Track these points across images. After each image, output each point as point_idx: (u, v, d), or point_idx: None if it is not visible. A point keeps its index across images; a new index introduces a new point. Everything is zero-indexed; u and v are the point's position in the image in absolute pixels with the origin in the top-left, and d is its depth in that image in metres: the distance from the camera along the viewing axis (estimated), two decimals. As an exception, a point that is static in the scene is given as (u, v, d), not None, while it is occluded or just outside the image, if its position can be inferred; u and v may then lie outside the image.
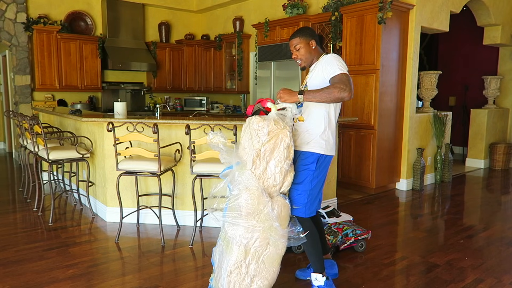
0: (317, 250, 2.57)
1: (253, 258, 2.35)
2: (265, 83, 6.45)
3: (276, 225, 2.34)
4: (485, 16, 6.54)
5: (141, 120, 3.60)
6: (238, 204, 2.31)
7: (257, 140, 2.31)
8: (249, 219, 2.31)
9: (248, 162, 2.33)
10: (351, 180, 5.38)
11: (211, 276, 2.58)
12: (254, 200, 2.30)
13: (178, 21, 8.83)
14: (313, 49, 2.60)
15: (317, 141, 2.50)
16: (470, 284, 2.79)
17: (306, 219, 2.53)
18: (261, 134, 2.31)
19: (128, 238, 3.62)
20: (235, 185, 2.35)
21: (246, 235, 2.32)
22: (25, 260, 3.11)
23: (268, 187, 2.37)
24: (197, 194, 3.52)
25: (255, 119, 2.37)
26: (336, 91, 2.29)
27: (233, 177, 2.37)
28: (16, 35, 6.82)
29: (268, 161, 2.33)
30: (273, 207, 2.34)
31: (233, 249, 2.34)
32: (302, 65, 2.65)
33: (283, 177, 2.39)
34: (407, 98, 5.35)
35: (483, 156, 6.96)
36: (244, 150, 2.40)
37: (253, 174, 2.32)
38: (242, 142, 2.45)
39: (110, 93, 8.05)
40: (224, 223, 2.45)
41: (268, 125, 2.31)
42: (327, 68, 2.45)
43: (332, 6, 5.53)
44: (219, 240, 2.52)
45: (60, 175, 5.08)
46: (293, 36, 2.63)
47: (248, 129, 2.39)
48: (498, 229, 3.95)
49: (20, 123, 4.73)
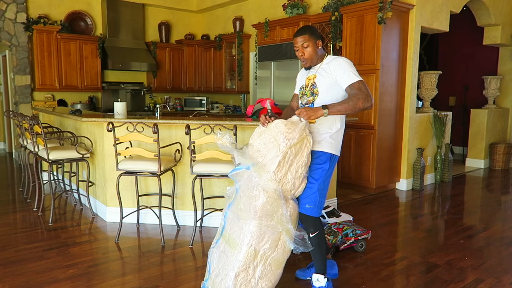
0: (323, 251, 2.59)
1: (261, 260, 2.35)
2: (265, 83, 6.45)
3: (290, 227, 2.35)
4: (485, 16, 6.54)
5: (141, 120, 3.60)
6: (255, 205, 2.30)
7: (284, 143, 2.30)
8: (263, 221, 2.31)
9: (273, 164, 2.31)
10: (351, 180, 5.38)
11: (205, 278, 2.53)
12: (272, 202, 2.30)
13: (178, 21, 8.83)
14: (319, 49, 2.57)
15: (327, 140, 2.50)
16: (470, 284, 2.79)
17: (317, 219, 2.55)
18: (291, 136, 2.30)
19: (128, 238, 3.62)
20: (252, 186, 2.33)
21: (258, 236, 2.32)
22: (25, 260, 3.11)
23: (286, 190, 2.37)
24: (197, 194, 3.52)
25: (282, 121, 2.36)
26: (360, 102, 2.31)
27: (250, 178, 2.35)
28: (16, 35, 6.83)
29: (290, 165, 2.34)
30: (288, 209, 2.35)
31: (242, 250, 2.32)
32: (308, 64, 2.59)
33: (300, 182, 2.41)
34: (407, 98, 5.35)
35: (483, 156, 6.96)
36: (259, 152, 2.39)
37: (275, 177, 2.32)
38: (254, 144, 2.43)
39: (110, 93, 8.05)
40: (226, 224, 2.45)
41: (299, 129, 2.31)
42: (340, 73, 2.42)
43: (332, 6, 5.53)
44: (217, 240, 2.50)
45: (60, 175, 5.08)
46: (302, 33, 2.54)
47: (270, 132, 2.37)
48: (498, 229, 3.95)
49: (20, 123, 4.73)
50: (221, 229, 2.52)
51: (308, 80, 2.61)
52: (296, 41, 2.56)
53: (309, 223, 2.54)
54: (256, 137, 2.45)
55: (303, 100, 2.64)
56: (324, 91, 2.50)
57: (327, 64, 2.52)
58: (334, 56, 2.55)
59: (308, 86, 2.60)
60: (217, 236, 2.54)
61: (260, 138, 2.42)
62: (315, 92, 2.53)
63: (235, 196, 2.46)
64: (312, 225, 2.53)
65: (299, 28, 2.62)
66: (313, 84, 2.56)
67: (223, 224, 2.51)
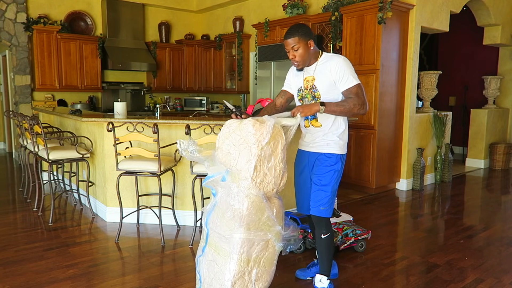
0: (331, 253, 2.60)
1: (255, 264, 2.31)
2: (265, 83, 6.45)
3: (278, 229, 2.30)
4: (485, 16, 6.54)
5: (141, 120, 3.60)
6: (240, 216, 2.20)
7: (255, 145, 2.18)
8: (251, 228, 2.24)
9: (249, 170, 2.19)
10: (351, 180, 5.38)
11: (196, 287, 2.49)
12: (256, 209, 2.23)
13: (178, 21, 8.83)
14: (311, 49, 2.46)
15: (337, 142, 2.50)
16: (470, 284, 2.79)
17: (328, 220, 2.56)
18: (261, 137, 2.18)
19: (128, 238, 3.62)
20: (233, 197, 2.22)
21: (247, 243, 2.26)
22: (25, 260, 3.11)
23: (268, 192, 2.28)
24: (197, 194, 3.52)
25: (249, 121, 2.22)
26: (356, 109, 2.36)
27: (229, 187, 2.25)
28: (16, 35, 6.82)
29: (268, 166, 2.24)
30: (273, 210, 2.30)
31: (233, 258, 2.24)
32: (300, 66, 2.51)
33: (281, 179, 2.34)
34: (407, 98, 5.35)
35: (483, 156, 6.96)
36: (230, 154, 2.25)
37: (254, 183, 2.21)
38: (223, 147, 2.29)
39: (110, 93, 8.04)
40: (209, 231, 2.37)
41: (269, 127, 2.20)
42: (339, 75, 2.39)
43: (332, 6, 5.53)
44: (204, 248, 2.41)
45: (60, 175, 5.08)
46: (290, 35, 2.44)
47: (239, 132, 2.24)
48: (498, 229, 3.95)
49: (20, 123, 4.73)
50: (205, 236, 2.43)
51: (307, 82, 2.53)
52: (286, 43, 2.47)
53: (322, 224, 2.55)
54: (224, 138, 2.30)
55: (304, 103, 2.58)
56: (325, 93, 2.46)
57: (324, 64, 2.45)
58: (331, 55, 2.49)
59: (307, 89, 2.52)
60: (202, 243, 2.45)
61: (228, 139, 2.28)
62: (317, 96, 2.48)
63: (215, 204, 2.35)
64: (325, 227, 2.55)
65: (288, 29, 2.50)
66: (313, 88, 2.49)
67: (206, 230, 2.41)
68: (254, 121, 2.23)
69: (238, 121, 2.30)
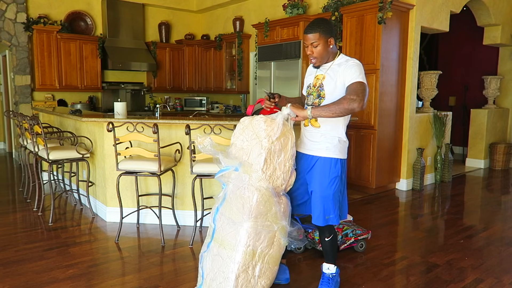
0: (335, 249, 2.61)
1: (259, 259, 2.35)
2: (265, 83, 6.45)
3: (284, 224, 2.36)
4: (485, 16, 6.54)
5: (141, 120, 3.60)
6: (249, 206, 2.29)
7: (266, 139, 2.30)
8: (259, 220, 2.31)
9: (259, 162, 2.30)
10: (351, 180, 5.38)
11: (198, 284, 2.50)
12: (265, 201, 2.30)
13: (178, 21, 8.83)
14: (330, 48, 2.39)
15: (336, 145, 2.42)
16: (470, 284, 2.79)
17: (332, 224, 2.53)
18: (272, 132, 2.29)
19: (128, 238, 3.62)
20: (244, 187, 2.31)
21: (254, 236, 2.31)
22: (25, 260, 3.11)
23: (277, 187, 2.38)
24: (197, 194, 3.52)
25: (261, 118, 2.34)
26: (345, 102, 2.18)
27: (240, 179, 2.33)
28: (16, 35, 6.82)
29: (277, 160, 2.33)
30: (280, 206, 2.35)
31: (239, 250, 2.30)
32: (317, 64, 2.43)
33: (290, 176, 2.42)
34: (407, 98, 5.34)
35: (483, 156, 6.96)
36: (243, 150, 2.37)
37: (264, 175, 2.30)
38: (237, 142, 2.40)
39: (110, 93, 8.05)
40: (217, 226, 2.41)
41: (279, 124, 2.30)
42: (348, 73, 2.31)
43: (332, 6, 5.53)
44: (209, 244, 2.45)
45: (60, 175, 5.08)
46: (312, 31, 2.33)
47: (251, 128, 2.36)
48: (498, 229, 3.95)
49: (20, 123, 4.73)
50: (211, 232, 2.46)
51: (317, 80, 2.47)
52: (306, 38, 2.36)
53: (324, 229, 2.52)
54: (238, 134, 2.42)
55: (308, 100, 2.52)
56: (330, 94, 2.39)
57: (338, 65, 2.39)
58: (347, 58, 2.41)
59: (315, 87, 2.47)
60: (208, 239, 2.48)
61: (242, 135, 2.40)
62: (322, 95, 2.42)
63: (224, 198, 2.41)
64: (328, 230, 2.53)
65: (310, 23, 2.39)
66: (320, 86, 2.43)
67: (213, 226, 2.45)
68: (266, 117, 2.35)
69: (251, 117, 2.41)
